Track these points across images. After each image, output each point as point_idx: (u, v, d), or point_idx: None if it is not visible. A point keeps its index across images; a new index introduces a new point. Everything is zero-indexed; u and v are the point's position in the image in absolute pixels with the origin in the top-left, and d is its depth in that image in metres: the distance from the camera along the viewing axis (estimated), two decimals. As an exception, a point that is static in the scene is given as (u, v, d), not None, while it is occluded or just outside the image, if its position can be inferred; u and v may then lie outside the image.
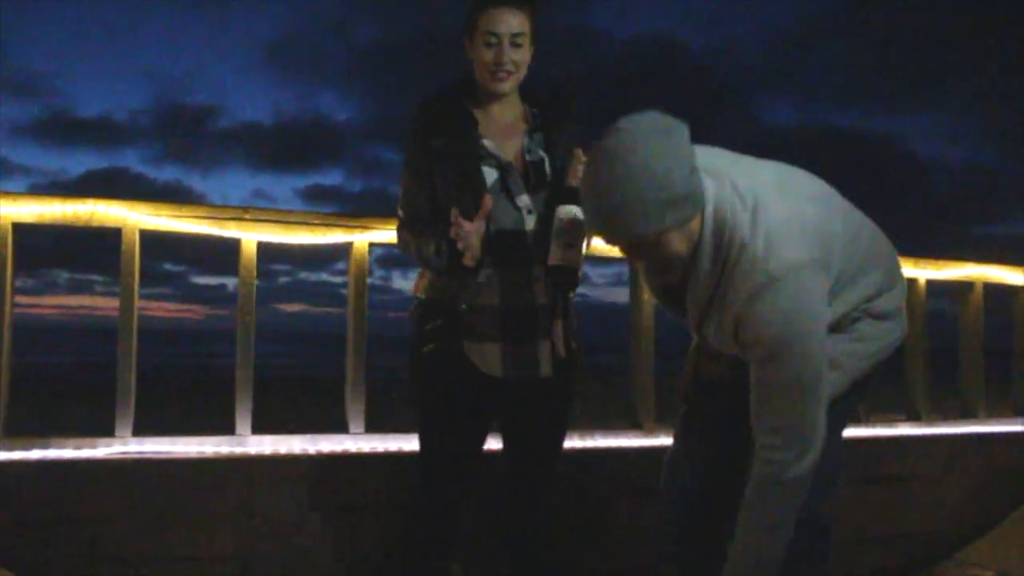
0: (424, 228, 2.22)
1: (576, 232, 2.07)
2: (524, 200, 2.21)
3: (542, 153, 2.26)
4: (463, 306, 2.17)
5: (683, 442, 2.34)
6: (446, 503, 2.27)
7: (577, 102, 2.35)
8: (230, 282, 3.21)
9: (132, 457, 2.89)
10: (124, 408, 2.98)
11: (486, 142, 2.21)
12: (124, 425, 2.97)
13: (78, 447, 2.90)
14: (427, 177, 2.23)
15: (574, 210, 2.07)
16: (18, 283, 2.99)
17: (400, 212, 2.31)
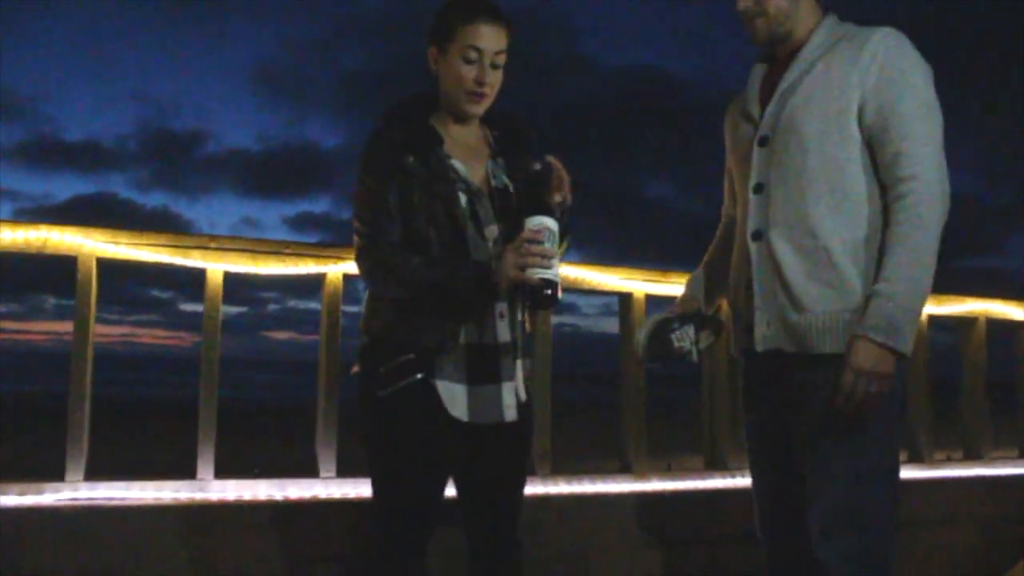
0: (417, 252, 1.98)
1: (552, 243, 1.92)
2: (492, 231, 2.04)
3: (506, 179, 2.10)
4: (434, 344, 1.97)
5: (762, 483, 2.17)
6: (409, 555, 2.06)
7: (534, 130, 2.20)
8: (221, 309, 3.02)
9: (83, 504, 2.68)
10: (76, 449, 2.77)
11: (456, 164, 2.04)
12: (75, 468, 2.76)
13: (22, 493, 2.68)
14: (396, 194, 2.00)
15: (547, 221, 1.91)
16: (3, 309, 2.80)
17: (363, 231, 2.02)
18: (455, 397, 2.00)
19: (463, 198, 2.01)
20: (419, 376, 1.97)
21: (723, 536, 3.25)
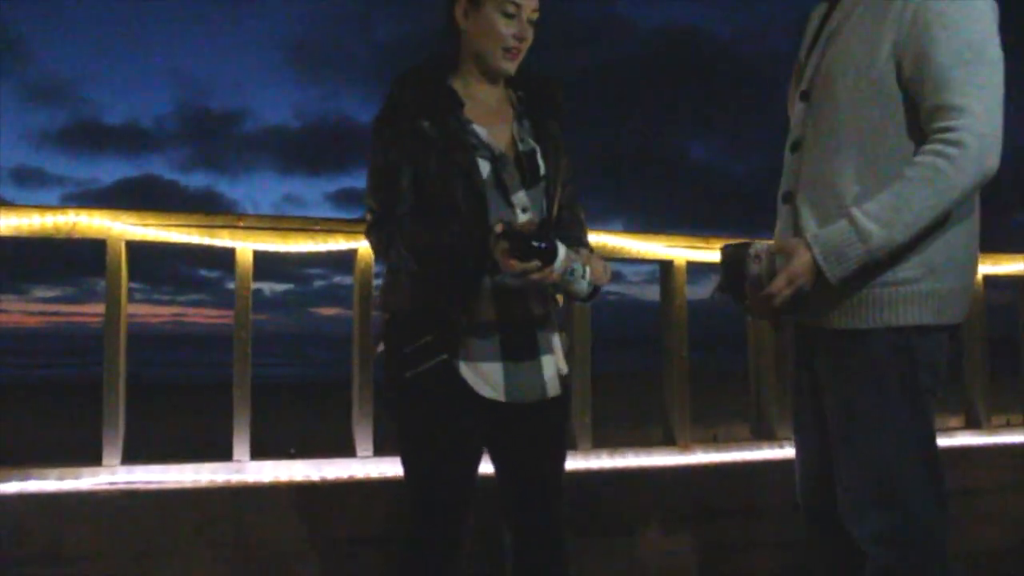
0: (427, 220, 1.90)
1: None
2: (520, 198, 1.94)
3: (533, 143, 2.00)
4: (463, 320, 1.88)
5: (802, 447, 2.06)
6: (442, 541, 1.99)
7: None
8: (266, 287, 2.99)
9: (120, 488, 2.66)
10: (112, 433, 2.75)
11: (477, 128, 1.93)
12: (112, 452, 2.75)
13: (61, 477, 2.68)
14: (410, 163, 1.90)
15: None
16: (58, 292, 2.79)
17: (373, 205, 1.94)
18: (487, 376, 1.91)
19: (486, 165, 1.91)
20: (444, 357, 1.88)
21: (770, 508, 3.16)
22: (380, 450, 2.98)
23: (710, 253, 3.44)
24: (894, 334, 1.80)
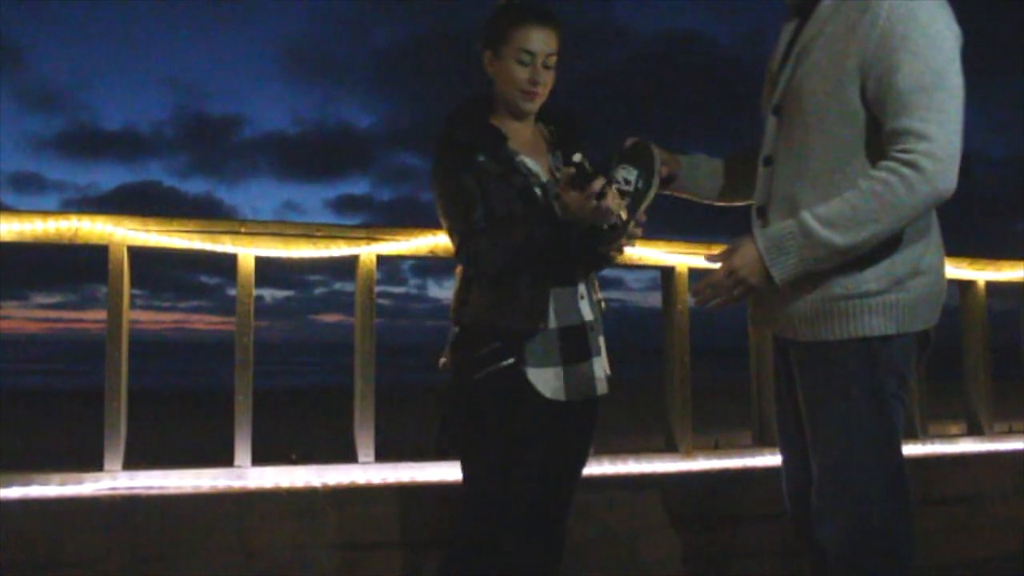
0: (503, 224, 2.02)
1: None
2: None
3: None
4: (526, 327, 2.02)
5: (786, 455, 2.12)
6: (510, 537, 2.07)
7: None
8: (267, 293, 3.01)
9: (121, 493, 2.66)
10: (113, 439, 2.76)
11: (526, 160, 2.11)
12: (114, 458, 2.75)
13: (63, 483, 2.68)
14: (475, 184, 2.05)
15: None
16: (59, 298, 2.79)
17: (456, 227, 2.07)
18: (549, 380, 2.05)
19: (537, 191, 2.07)
20: (511, 360, 2.01)
21: (773, 515, 3.15)
22: (381, 456, 2.98)
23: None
24: (859, 344, 1.84)
